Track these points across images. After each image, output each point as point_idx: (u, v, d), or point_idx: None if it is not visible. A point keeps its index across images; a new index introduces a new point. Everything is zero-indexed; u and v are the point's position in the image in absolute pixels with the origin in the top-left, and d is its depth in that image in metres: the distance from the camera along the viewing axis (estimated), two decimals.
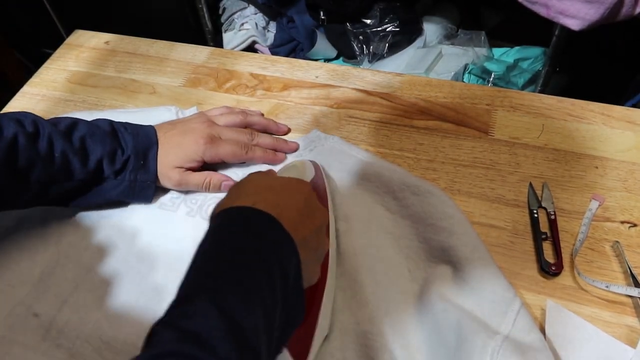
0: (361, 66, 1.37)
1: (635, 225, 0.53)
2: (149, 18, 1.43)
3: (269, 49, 1.44)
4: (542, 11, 0.92)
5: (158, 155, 0.54)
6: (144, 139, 0.54)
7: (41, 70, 0.76)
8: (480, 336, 0.42)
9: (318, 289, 0.45)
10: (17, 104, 0.71)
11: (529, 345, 0.42)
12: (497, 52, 1.37)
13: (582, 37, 0.97)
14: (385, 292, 0.47)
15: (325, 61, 1.41)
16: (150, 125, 0.56)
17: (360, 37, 1.36)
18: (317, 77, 0.71)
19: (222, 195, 0.56)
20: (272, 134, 0.63)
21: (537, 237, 0.52)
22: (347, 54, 1.40)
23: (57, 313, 0.48)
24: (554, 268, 0.49)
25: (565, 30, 0.99)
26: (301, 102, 0.68)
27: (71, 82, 0.74)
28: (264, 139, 0.60)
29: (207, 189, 0.56)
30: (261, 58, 0.75)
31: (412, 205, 0.52)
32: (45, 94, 0.72)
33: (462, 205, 0.55)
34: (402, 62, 1.34)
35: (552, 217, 0.53)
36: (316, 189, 0.50)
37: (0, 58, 1.51)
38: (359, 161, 0.57)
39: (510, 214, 0.54)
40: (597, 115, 0.63)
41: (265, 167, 0.58)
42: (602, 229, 0.53)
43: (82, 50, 0.78)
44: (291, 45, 1.44)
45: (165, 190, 0.57)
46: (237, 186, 0.43)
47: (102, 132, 0.52)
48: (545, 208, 0.54)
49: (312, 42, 1.39)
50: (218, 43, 1.44)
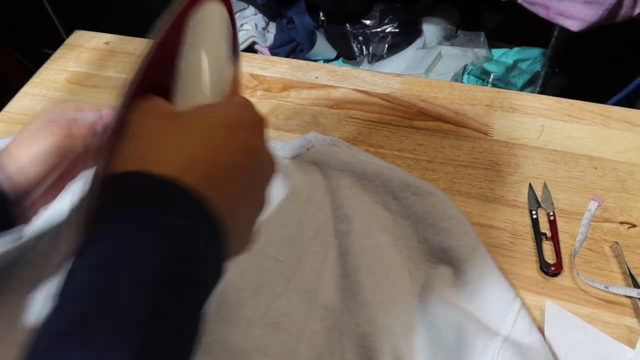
0: (361, 67, 1.37)
1: (634, 225, 0.53)
2: (148, 18, 1.43)
3: (269, 49, 1.44)
4: (541, 12, 0.92)
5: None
6: None
7: (41, 70, 0.76)
8: (480, 337, 0.42)
9: None
10: (18, 105, 0.71)
11: (529, 347, 0.42)
12: (497, 53, 1.38)
13: (581, 38, 0.97)
14: (385, 293, 0.47)
15: (324, 62, 1.42)
16: None
17: (360, 38, 1.37)
18: (316, 77, 0.71)
19: None
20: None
21: (537, 238, 0.52)
22: (346, 55, 1.40)
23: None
24: (553, 268, 0.49)
25: (565, 31, 1.00)
26: (301, 102, 0.68)
27: (71, 83, 0.74)
28: None
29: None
30: (261, 59, 0.75)
31: (412, 205, 0.52)
32: (45, 94, 0.72)
33: (462, 205, 0.55)
34: (401, 63, 1.34)
35: (552, 217, 0.53)
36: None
37: (0, 58, 1.51)
38: (358, 161, 0.57)
39: (509, 215, 0.54)
40: (596, 116, 0.63)
41: None
42: (601, 230, 0.53)
43: (82, 51, 0.78)
44: (291, 46, 1.44)
45: None
46: (154, 118, 0.28)
47: None
48: (544, 208, 0.54)
49: (312, 43, 1.40)
50: None
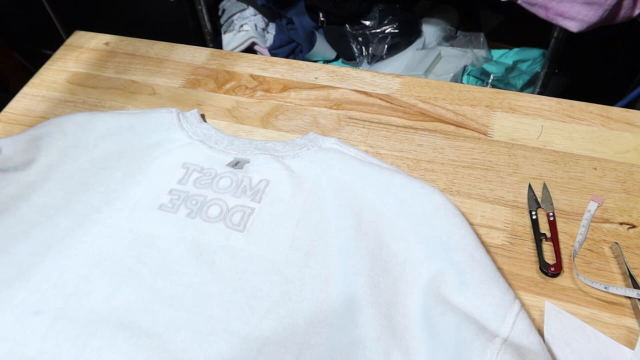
0: (360, 67, 1.37)
1: (634, 226, 0.53)
2: (148, 19, 1.44)
3: (269, 50, 1.44)
4: (541, 13, 0.92)
5: None
6: None
7: (41, 71, 0.76)
8: (479, 339, 0.42)
9: None
10: (18, 105, 0.71)
11: (528, 349, 0.42)
12: (496, 53, 1.37)
13: (581, 38, 0.97)
14: (383, 294, 0.47)
15: (324, 62, 1.42)
16: None
17: (360, 38, 1.37)
18: (316, 78, 0.71)
19: (224, 196, 0.55)
20: None
21: (536, 238, 0.52)
22: (346, 56, 1.40)
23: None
24: (553, 269, 0.49)
25: (565, 32, 1.00)
26: (301, 103, 0.68)
27: (71, 83, 0.74)
28: None
29: None
30: (261, 59, 0.75)
31: (412, 206, 0.52)
32: (45, 94, 0.72)
33: (461, 206, 0.55)
34: (401, 64, 1.34)
35: (551, 218, 0.53)
36: None
37: (0, 59, 1.51)
38: (358, 162, 0.57)
39: (509, 215, 0.54)
40: (596, 117, 0.63)
41: None
42: (601, 230, 0.53)
43: (82, 51, 0.78)
44: (290, 47, 1.45)
45: (165, 191, 0.57)
46: None
47: None
48: (544, 209, 0.54)
49: (312, 44, 1.40)
50: (217, 44, 1.44)
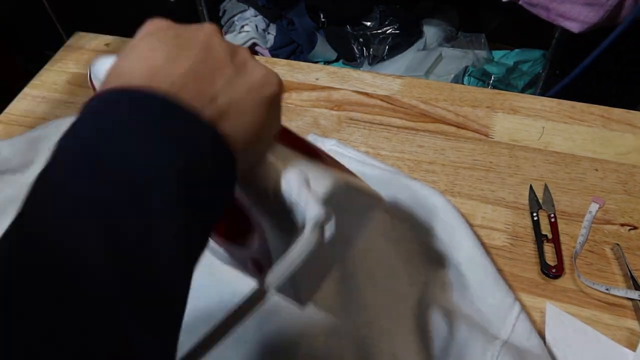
0: (361, 68, 1.37)
1: (635, 227, 0.53)
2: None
3: (269, 51, 1.44)
4: (542, 14, 0.92)
5: None
6: None
7: (42, 72, 0.76)
8: (480, 341, 0.42)
9: None
10: (18, 106, 0.71)
11: (528, 351, 0.42)
12: (497, 54, 1.37)
13: (582, 39, 0.97)
14: (384, 296, 0.47)
15: (325, 63, 1.42)
16: None
17: (360, 39, 1.37)
18: (317, 79, 0.71)
19: None
20: None
21: (538, 240, 0.52)
22: (347, 57, 1.40)
23: None
24: (554, 270, 0.49)
25: (566, 32, 0.99)
26: (301, 104, 0.68)
27: (72, 84, 0.74)
28: None
29: None
30: (261, 60, 0.75)
31: (412, 208, 0.52)
32: (45, 96, 0.72)
33: (462, 207, 0.55)
34: (402, 65, 1.34)
35: (553, 219, 0.53)
36: None
37: (0, 60, 1.52)
38: (358, 163, 0.57)
39: (510, 217, 0.54)
40: (597, 118, 0.63)
41: None
42: (602, 232, 0.53)
43: (83, 52, 0.78)
44: (291, 48, 1.44)
45: None
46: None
47: None
48: (545, 210, 0.54)
49: (312, 45, 1.40)
50: None
